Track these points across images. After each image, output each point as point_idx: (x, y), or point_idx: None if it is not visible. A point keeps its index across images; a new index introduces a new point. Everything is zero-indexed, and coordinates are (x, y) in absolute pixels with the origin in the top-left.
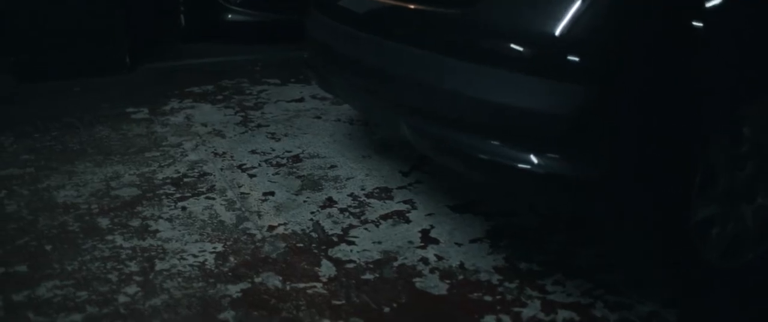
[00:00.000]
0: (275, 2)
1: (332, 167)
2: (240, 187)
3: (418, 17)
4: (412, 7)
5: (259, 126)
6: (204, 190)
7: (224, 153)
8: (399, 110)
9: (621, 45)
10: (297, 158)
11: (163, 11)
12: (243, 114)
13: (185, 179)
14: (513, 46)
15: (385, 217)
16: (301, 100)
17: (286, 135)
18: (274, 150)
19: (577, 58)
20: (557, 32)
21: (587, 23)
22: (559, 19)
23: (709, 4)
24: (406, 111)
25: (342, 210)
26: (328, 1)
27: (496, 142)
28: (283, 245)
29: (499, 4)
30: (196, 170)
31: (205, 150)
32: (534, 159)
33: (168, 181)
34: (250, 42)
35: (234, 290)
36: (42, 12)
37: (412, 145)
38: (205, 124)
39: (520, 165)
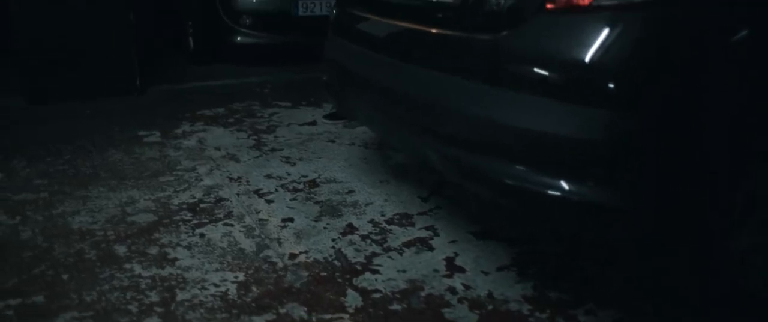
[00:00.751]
0: (283, 25)
1: (350, 192)
2: (258, 213)
3: (444, 42)
4: (434, 31)
5: (272, 150)
6: (221, 216)
7: (239, 178)
8: (424, 135)
9: (656, 72)
10: (314, 183)
11: (171, 33)
12: (256, 137)
13: (202, 205)
14: (546, 72)
15: (407, 244)
16: (313, 123)
17: (300, 159)
18: (289, 175)
19: (611, 85)
20: (591, 59)
21: (622, 51)
22: (592, 47)
23: (735, 37)
24: (433, 136)
25: (363, 237)
26: (349, 24)
27: (526, 169)
28: (306, 273)
29: (531, 31)
30: (212, 196)
31: (220, 175)
32: (565, 186)
33: (184, 206)
34: (258, 64)
35: (259, 321)
36: (52, 34)
37: (429, 170)
38: (218, 148)
39: (551, 192)
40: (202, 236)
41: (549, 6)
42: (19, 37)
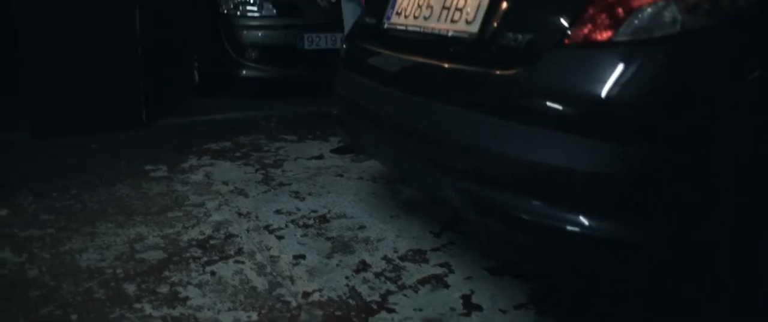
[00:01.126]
0: (288, 59)
1: (361, 227)
2: (269, 249)
3: (459, 77)
4: (448, 66)
5: (281, 184)
6: (232, 253)
7: (249, 213)
8: (439, 170)
9: (676, 107)
10: (324, 218)
11: (177, 67)
12: (263, 172)
13: (211, 241)
14: (564, 107)
15: (422, 281)
16: (320, 157)
17: (310, 194)
18: (299, 210)
19: (630, 120)
20: (609, 94)
21: (641, 85)
22: (611, 82)
23: (755, 72)
24: (448, 171)
25: (377, 274)
26: (360, 58)
27: (543, 204)
28: (321, 313)
29: (549, 66)
30: (221, 232)
31: (229, 210)
32: (584, 221)
33: (194, 243)
34: (263, 97)
35: None
36: (60, 67)
37: (440, 205)
38: (226, 183)
39: (569, 227)
40: (213, 273)
41: (567, 41)
42: (27, 71)
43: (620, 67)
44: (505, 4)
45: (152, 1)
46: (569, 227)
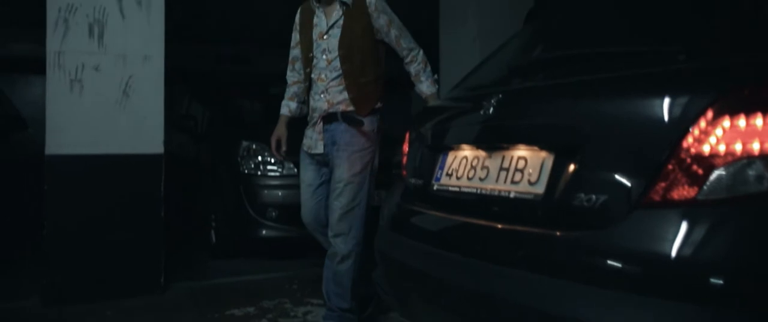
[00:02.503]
0: None
1: None
2: None
3: (526, 239)
4: (511, 228)
5: None
6: None
7: None
8: None
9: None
10: None
11: (193, 227)
12: None
13: None
14: (646, 270)
15: None
16: None
17: None
18: None
19: (718, 282)
20: (693, 255)
21: (729, 246)
22: (694, 242)
23: None
24: None
25: None
26: (407, 220)
27: None
28: None
29: (627, 227)
30: None
31: None
32: None
33: None
34: (283, 257)
35: None
36: (75, 231)
37: None
38: None
39: None
40: None
41: (645, 201)
42: (43, 235)
43: (705, 227)
44: (572, 166)
45: (170, 164)
46: None
